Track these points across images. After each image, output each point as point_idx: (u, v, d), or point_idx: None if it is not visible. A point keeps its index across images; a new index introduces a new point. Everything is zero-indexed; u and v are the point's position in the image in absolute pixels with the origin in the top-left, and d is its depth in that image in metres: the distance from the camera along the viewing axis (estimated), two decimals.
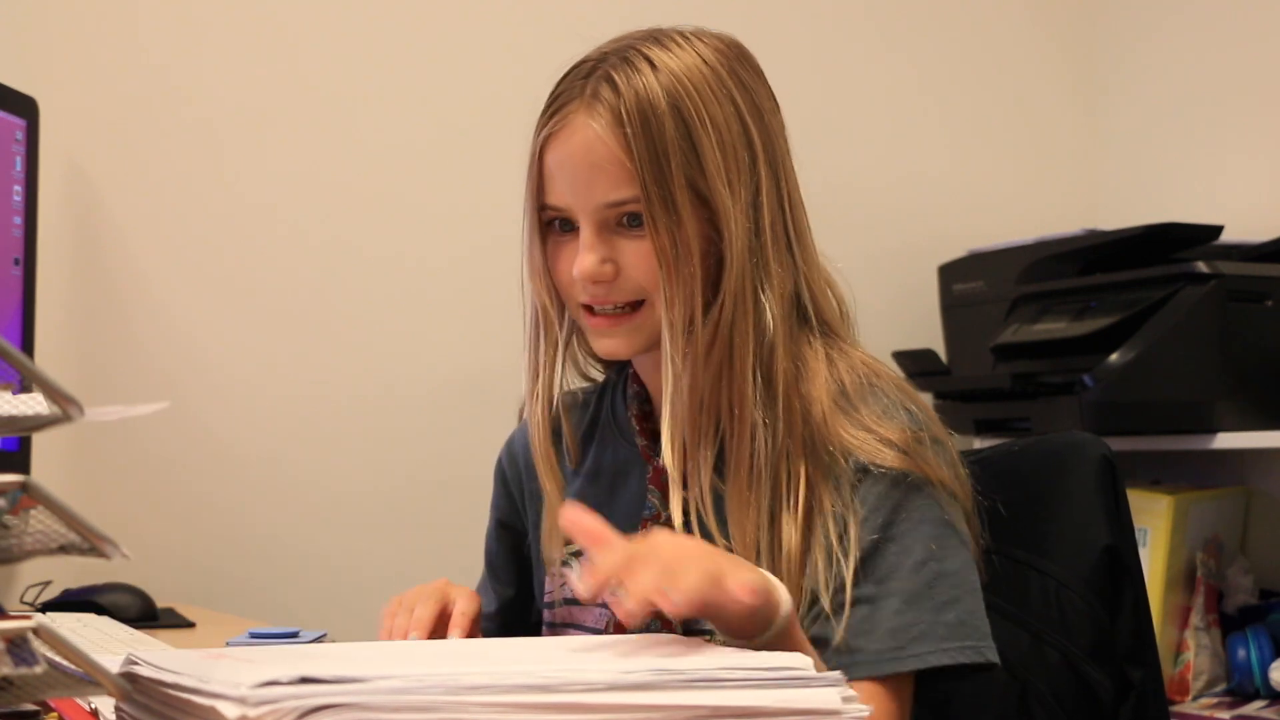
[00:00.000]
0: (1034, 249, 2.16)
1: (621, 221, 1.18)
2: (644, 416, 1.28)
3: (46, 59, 1.90)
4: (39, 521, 0.70)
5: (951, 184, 2.45)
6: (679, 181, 1.15)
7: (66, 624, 1.48)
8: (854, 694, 0.80)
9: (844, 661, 1.08)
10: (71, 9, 1.94)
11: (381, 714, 0.70)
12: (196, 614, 1.71)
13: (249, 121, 2.03)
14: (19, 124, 1.67)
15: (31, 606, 1.67)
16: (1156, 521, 2.01)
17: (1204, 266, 1.91)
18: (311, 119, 2.06)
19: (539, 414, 1.27)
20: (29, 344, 1.70)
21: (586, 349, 1.31)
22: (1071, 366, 1.97)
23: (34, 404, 0.70)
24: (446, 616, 1.17)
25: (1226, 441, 1.92)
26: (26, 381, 0.68)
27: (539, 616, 1.33)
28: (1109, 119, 2.52)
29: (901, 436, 1.15)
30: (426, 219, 2.11)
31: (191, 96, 2.00)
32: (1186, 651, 2.02)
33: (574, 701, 0.73)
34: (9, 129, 1.65)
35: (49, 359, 1.80)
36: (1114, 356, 1.91)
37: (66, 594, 1.69)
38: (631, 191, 1.16)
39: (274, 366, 2.03)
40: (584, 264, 1.18)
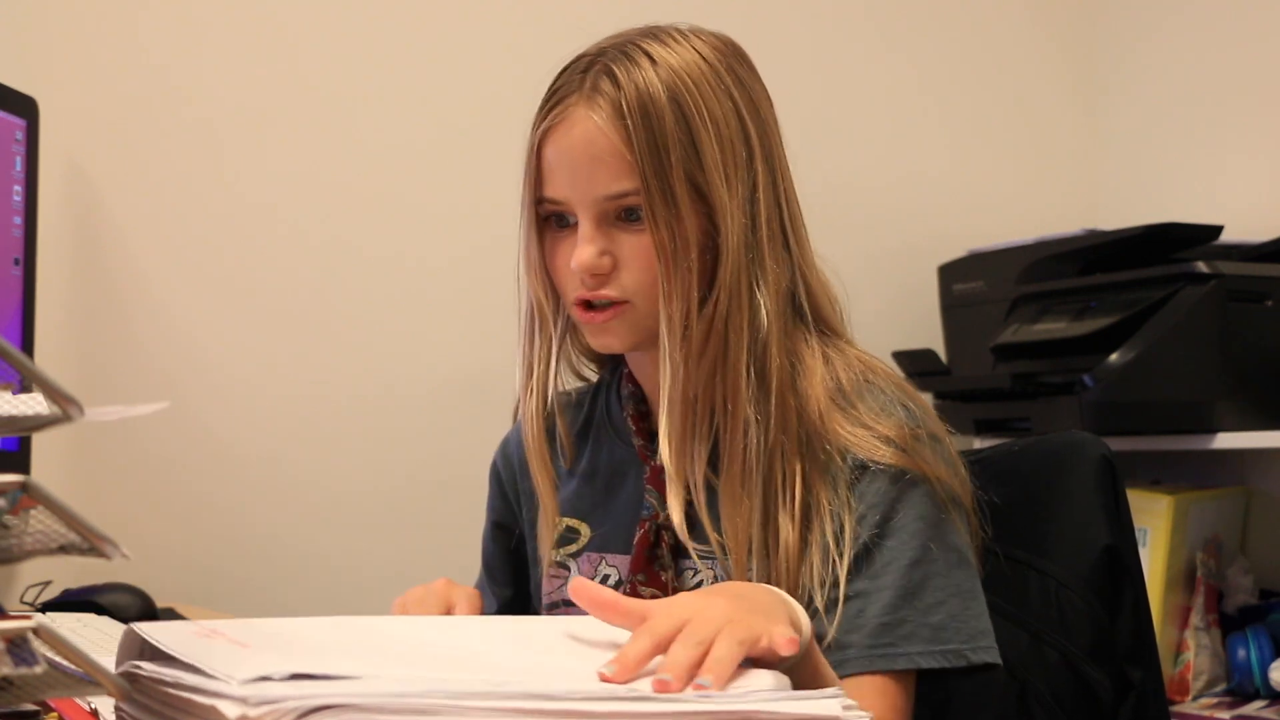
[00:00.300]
0: (1034, 249, 2.16)
1: (620, 215, 1.18)
2: (640, 416, 1.28)
3: (46, 59, 1.90)
4: (39, 521, 0.70)
5: (951, 184, 2.45)
6: (678, 175, 1.15)
7: (66, 624, 1.48)
8: (854, 703, 0.80)
9: (835, 658, 1.08)
10: (71, 9, 1.94)
11: (382, 715, 0.69)
12: (196, 614, 1.71)
13: (249, 121, 2.03)
14: (19, 124, 1.67)
15: (31, 606, 1.67)
16: (1156, 521, 2.01)
17: (1204, 266, 1.90)
18: (311, 119, 2.06)
19: (533, 409, 1.27)
20: (29, 344, 1.70)
21: (581, 347, 1.31)
22: (1071, 366, 1.96)
23: (34, 404, 0.70)
24: None
25: (1226, 441, 1.92)
26: (26, 381, 0.68)
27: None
28: (1109, 119, 2.52)
29: (899, 433, 1.15)
30: (426, 219, 2.11)
31: (191, 96, 2.00)
32: (1186, 651, 2.02)
33: (574, 709, 0.73)
34: (9, 129, 1.65)
35: (49, 359, 1.80)
36: (1114, 356, 1.91)
37: (66, 594, 1.69)
38: (631, 184, 1.16)
39: (274, 366, 2.03)
40: (582, 255, 1.18)
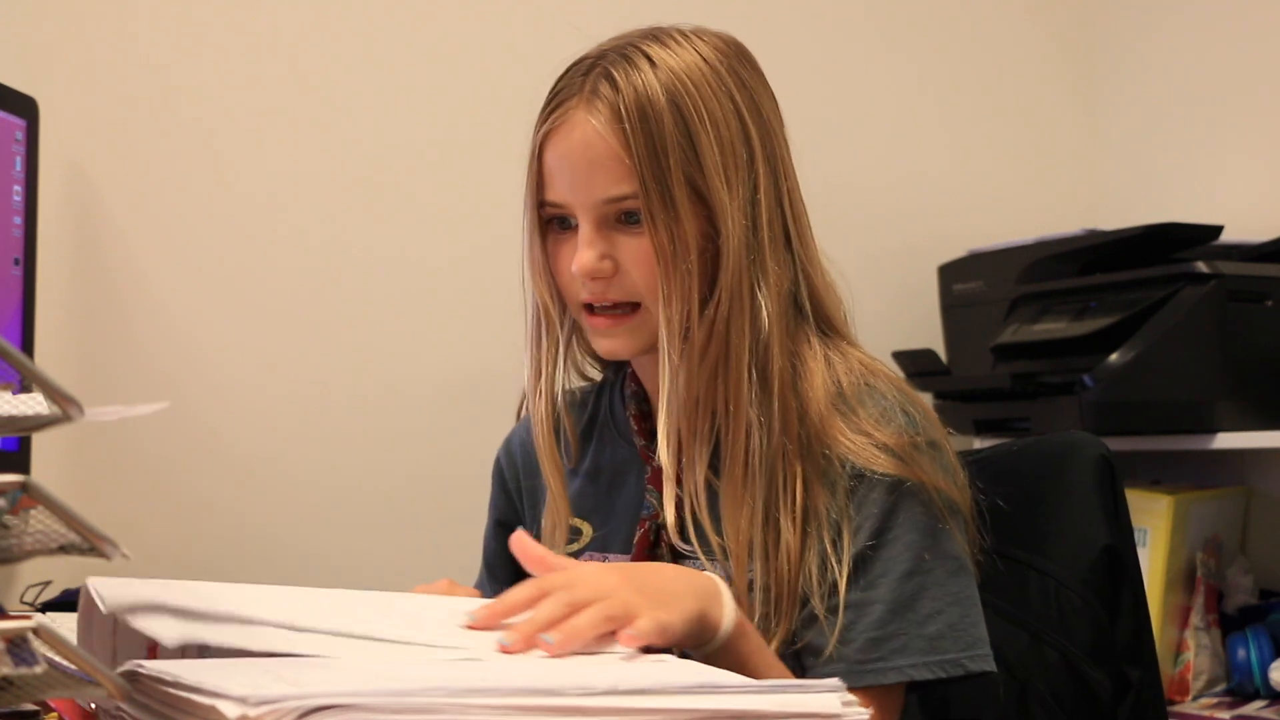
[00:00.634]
0: (1034, 249, 2.16)
1: (620, 218, 1.18)
2: (642, 417, 1.29)
3: (46, 59, 1.90)
4: (39, 521, 0.70)
5: (951, 184, 2.45)
6: (677, 178, 1.15)
7: (66, 624, 1.47)
8: (854, 699, 0.80)
9: (824, 671, 1.08)
10: (71, 9, 1.94)
11: (383, 715, 0.69)
12: None
13: (249, 121, 2.02)
14: (19, 124, 1.67)
15: (31, 606, 1.67)
16: (1156, 521, 2.01)
17: (1204, 266, 1.90)
18: (311, 119, 2.05)
19: (542, 411, 1.27)
20: (29, 344, 1.70)
21: (585, 348, 1.31)
22: (1071, 366, 1.96)
23: (34, 404, 0.70)
24: None
25: (1226, 441, 1.92)
26: (26, 381, 0.68)
27: None
28: (1109, 119, 2.52)
29: (898, 441, 1.14)
30: (426, 219, 2.11)
31: (191, 96, 2.00)
32: (1186, 651, 2.02)
33: (574, 705, 0.73)
34: (9, 129, 1.65)
35: (49, 359, 1.80)
36: (1114, 356, 1.91)
37: (66, 594, 1.69)
38: (630, 187, 1.16)
39: (274, 366, 2.03)
40: (583, 260, 1.18)
